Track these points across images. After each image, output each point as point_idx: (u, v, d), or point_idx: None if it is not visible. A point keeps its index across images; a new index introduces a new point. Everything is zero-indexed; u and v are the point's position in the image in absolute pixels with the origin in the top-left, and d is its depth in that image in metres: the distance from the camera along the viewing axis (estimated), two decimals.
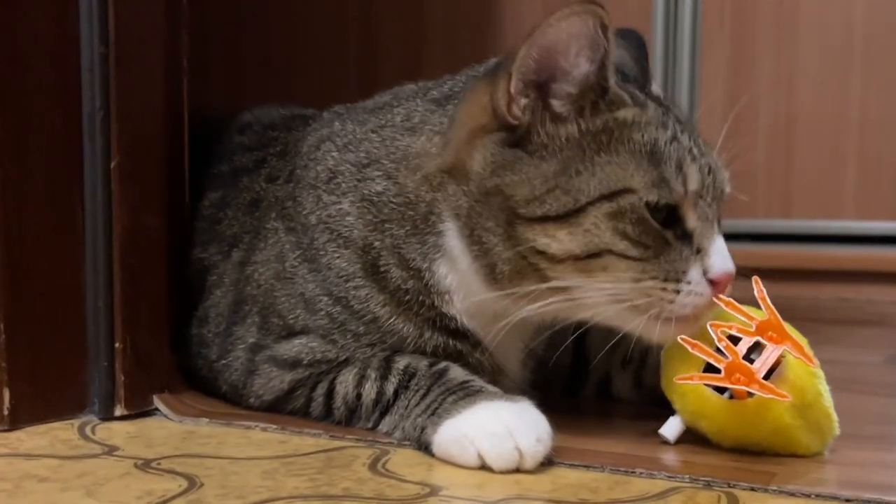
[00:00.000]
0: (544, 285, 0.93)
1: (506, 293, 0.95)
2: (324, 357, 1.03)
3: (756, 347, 0.93)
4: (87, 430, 1.02)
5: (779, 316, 0.93)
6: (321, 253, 1.04)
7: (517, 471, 0.88)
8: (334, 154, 1.06)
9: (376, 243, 1.01)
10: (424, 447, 0.94)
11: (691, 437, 0.97)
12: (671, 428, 0.98)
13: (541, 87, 0.93)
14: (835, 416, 0.94)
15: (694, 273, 0.93)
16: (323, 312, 1.03)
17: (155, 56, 1.07)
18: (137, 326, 1.07)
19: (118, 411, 1.06)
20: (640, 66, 1.07)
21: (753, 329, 0.93)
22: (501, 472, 0.88)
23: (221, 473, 0.88)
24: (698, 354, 0.93)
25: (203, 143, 1.25)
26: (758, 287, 0.94)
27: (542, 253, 0.92)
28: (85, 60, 1.03)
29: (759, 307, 0.94)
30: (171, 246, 1.11)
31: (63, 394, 1.05)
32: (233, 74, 2.61)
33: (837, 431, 0.95)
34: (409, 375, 0.98)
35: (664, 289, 0.92)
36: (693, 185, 0.93)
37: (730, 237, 0.99)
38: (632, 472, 0.89)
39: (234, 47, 2.62)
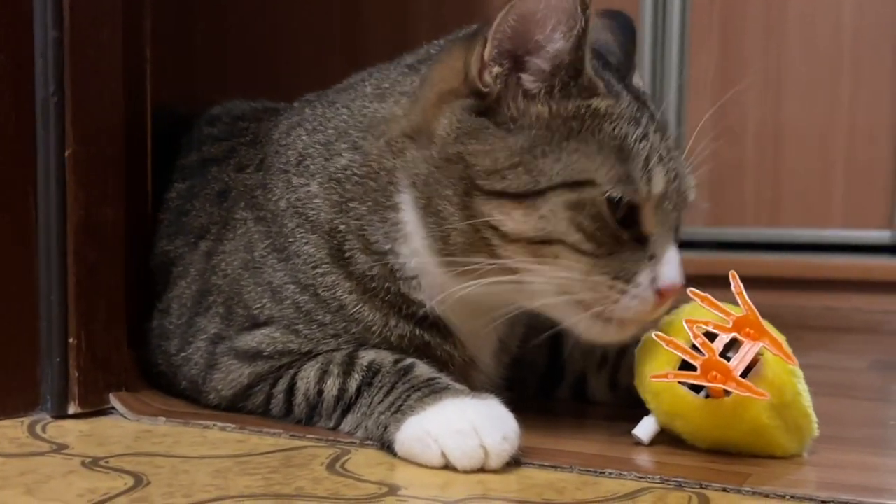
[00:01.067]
0: (493, 262, 0.90)
1: (457, 268, 0.92)
2: (285, 348, 1.00)
3: (733, 347, 0.90)
4: (38, 428, 0.99)
5: (757, 312, 0.90)
6: (290, 240, 1.01)
7: (482, 470, 0.85)
8: (304, 137, 1.04)
9: (341, 226, 0.98)
10: (387, 446, 0.90)
11: (666, 438, 0.94)
12: (645, 428, 0.94)
13: (515, 59, 0.90)
14: (814, 417, 0.91)
15: (643, 277, 0.90)
16: (289, 301, 1.00)
17: (113, 42, 1.04)
18: (93, 322, 1.03)
19: (72, 409, 1.03)
20: (625, 53, 1.04)
21: (730, 325, 0.90)
22: (465, 472, 0.85)
23: (171, 472, 0.84)
24: (673, 351, 0.90)
25: (171, 135, 1.22)
26: (735, 282, 0.91)
27: (495, 229, 0.89)
28: (38, 44, 1.00)
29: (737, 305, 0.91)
30: (130, 238, 1.08)
31: (13, 391, 1.01)
32: (217, 67, 2.58)
33: (816, 432, 0.92)
34: (372, 372, 0.95)
35: (611, 286, 0.89)
36: (658, 187, 0.90)
37: (718, 245, 0.98)
38: (601, 473, 0.86)
39: (218, 40, 2.59)
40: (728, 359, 0.88)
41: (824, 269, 2.11)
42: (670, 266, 0.91)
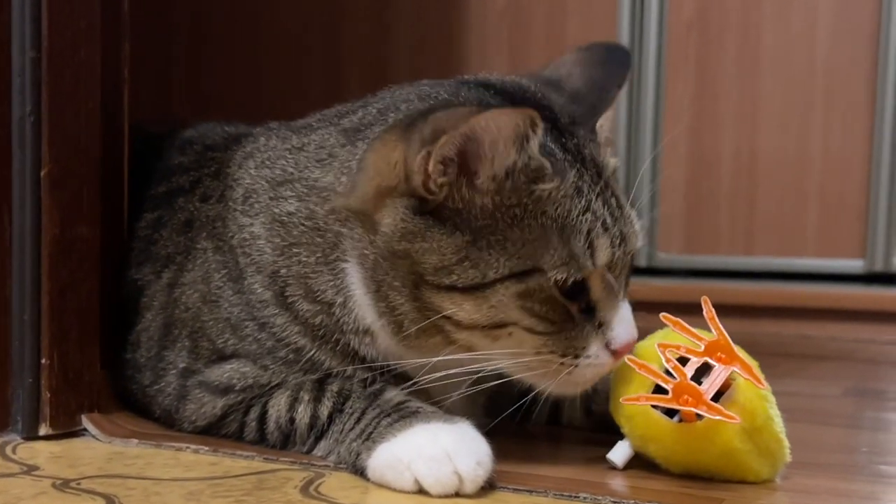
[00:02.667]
0: (449, 348, 0.91)
1: (413, 347, 0.93)
2: (256, 382, 0.99)
3: (706, 371, 0.90)
4: (8, 449, 0.98)
5: (728, 337, 0.90)
6: (244, 275, 1.00)
7: (457, 495, 0.84)
8: (252, 172, 1.03)
9: (282, 270, 0.97)
10: (360, 472, 0.90)
11: (640, 463, 0.94)
12: (619, 453, 0.94)
13: (462, 167, 0.88)
14: (786, 442, 0.91)
15: (594, 348, 0.91)
16: (251, 338, 0.99)
17: (91, 63, 1.04)
18: (66, 342, 1.02)
19: (43, 430, 1.02)
20: (599, 90, 1.02)
21: (702, 350, 0.90)
22: (440, 497, 0.84)
23: (143, 494, 0.84)
24: (646, 375, 0.90)
25: (144, 160, 1.21)
26: (707, 307, 0.92)
27: (447, 318, 0.89)
28: (15, 64, 0.99)
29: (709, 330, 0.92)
30: (105, 259, 1.07)
31: None
32: (194, 84, 2.59)
33: (789, 458, 0.92)
34: (343, 398, 0.95)
35: (562, 363, 0.91)
36: (602, 259, 0.90)
37: (692, 273, 0.99)
38: (575, 497, 0.86)
39: (196, 57, 2.60)
40: (700, 383, 0.88)
41: (799, 297, 2.13)
42: (622, 327, 0.92)
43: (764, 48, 2.20)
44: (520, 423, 1.14)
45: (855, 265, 2.13)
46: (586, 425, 1.13)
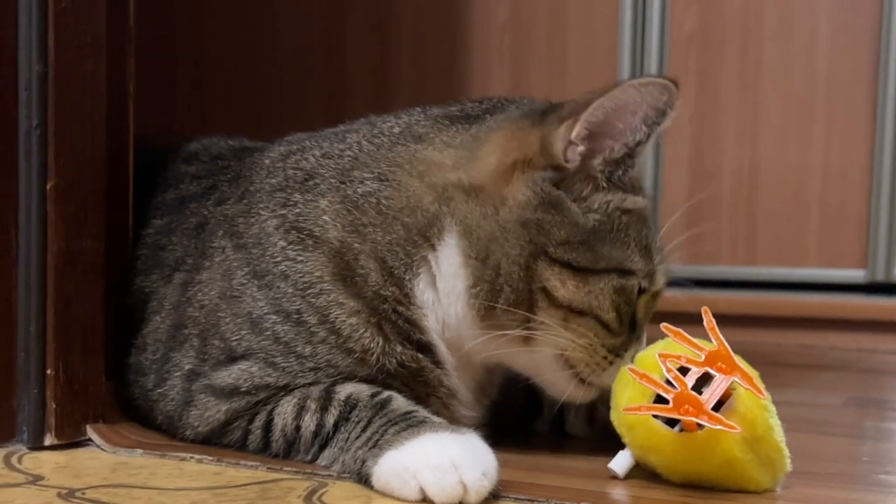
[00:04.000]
0: (529, 317, 0.97)
1: (487, 319, 0.98)
2: (262, 382, 0.99)
3: (707, 381, 0.90)
4: (14, 459, 0.98)
5: (728, 347, 0.91)
6: (276, 260, 1.00)
7: None
8: (311, 160, 1.05)
9: (355, 245, 0.99)
10: (364, 480, 0.90)
11: (642, 473, 0.95)
12: (620, 462, 0.95)
13: (595, 142, 0.97)
14: (786, 451, 0.92)
15: (629, 354, 1.00)
16: (269, 332, 0.99)
17: (97, 77, 1.05)
18: (71, 353, 1.03)
19: (48, 441, 1.02)
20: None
21: (702, 359, 0.91)
22: None
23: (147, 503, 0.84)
24: (647, 385, 0.91)
25: (147, 170, 1.22)
26: (707, 318, 0.92)
27: (547, 292, 0.96)
28: (22, 78, 1.01)
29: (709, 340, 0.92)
30: (109, 271, 1.08)
31: None
32: (197, 102, 2.60)
33: (789, 467, 0.92)
34: (350, 406, 0.95)
35: (605, 357, 0.99)
36: (657, 286, 1.02)
37: (694, 283, 1.05)
38: None
39: (199, 76, 2.62)
40: (701, 393, 0.89)
41: (800, 307, 2.13)
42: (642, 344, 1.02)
43: (765, 60, 2.21)
44: (522, 431, 1.15)
45: (856, 275, 2.14)
46: (588, 434, 1.14)
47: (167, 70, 2.60)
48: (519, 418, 1.16)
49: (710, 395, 0.88)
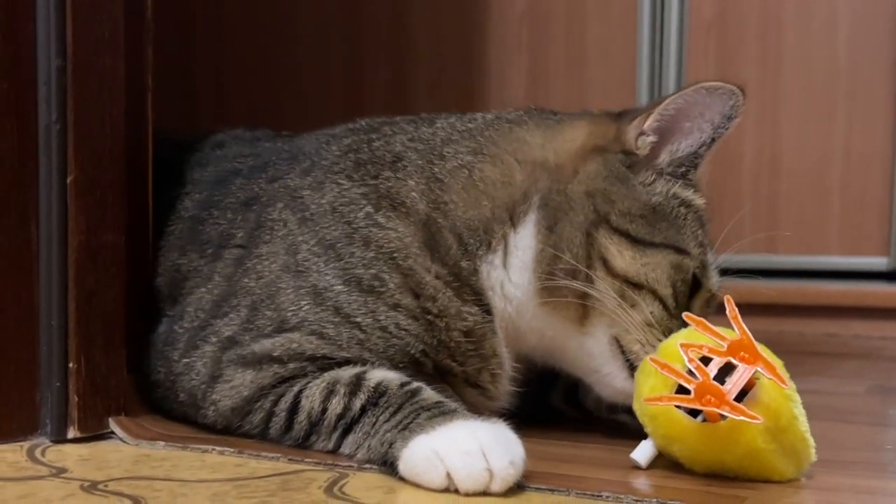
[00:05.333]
0: (584, 287, 1.01)
1: (544, 294, 1.02)
2: (299, 350, 1.00)
3: (730, 370, 0.90)
4: (37, 452, 0.99)
5: (751, 335, 0.90)
6: (358, 225, 1.03)
7: (482, 494, 0.85)
8: (397, 144, 1.10)
9: (439, 219, 1.04)
10: (390, 463, 0.90)
11: (663, 462, 0.94)
12: (643, 452, 0.95)
13: (663, 136, 1.05)
14: (811, 441, 0.91)
15: None
16: (330, 303, 1.01)
17: (115, 70, 1.05)
18: (92, 347, 1.04)
19: (71, 433, 1.03)
20: None
21: (725, 349, 0.90)
22: (467, 494, 0.85)
23: (169, 495, 0.85)
24: (669, 375, 0.90)
25: (173, 162, 1.25)
26: (730, 306, 0.92)
27: (604, 260, 1.01)
28: (41, 73, 1.01)
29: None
30: (130, 264, 1.08)
31: (13, 415, 1.02)
32: (217, 98, 2.61)
33: (814, 457, 0.92)
34: (379, 393, 0.96)
35: (659, 340, 1.00)
36: (715, 286, 1.07)
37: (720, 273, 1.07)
38: (598, 496, 0.86)
39: (220, 73, 2.63)
40: (724, 383, 0.88)
41: (823, 295, 2.12)
42: None
43: (785, 47, 2.20)
44: (538, 404, 1.16)
45: (879, 262, 2.12)
46: (603, 411, 1.16)
47: (187, 64, 2.61)
48: (535, 392, 1.16)
49: (733, 385, 0.88)
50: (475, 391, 1.06)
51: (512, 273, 1.04)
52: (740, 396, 0.88)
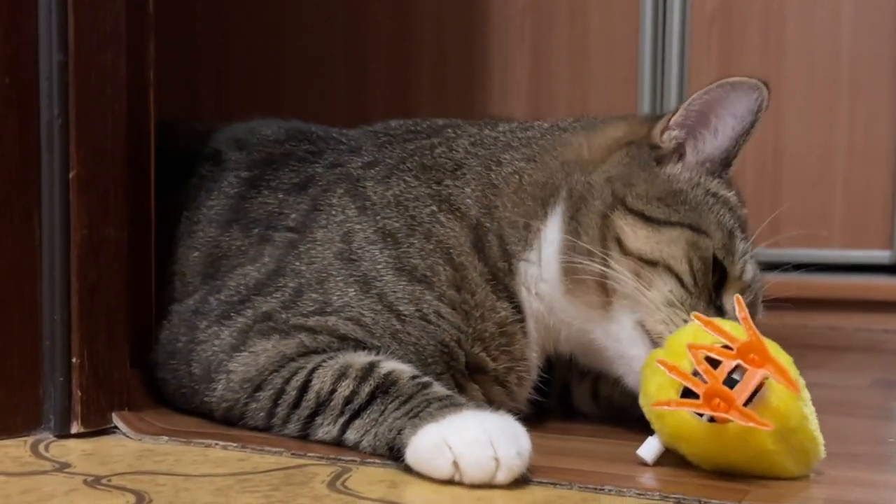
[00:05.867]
0: (603, 269, 1.02)
1: (573, 258, 1.04)
2: (332, 326, 1.02)
3: (737, 369, 0.88)
4: (41, 447, 0.99)
5: (761, 336, 0.89)
6: (422, 219, 1.08)
7: (485, 486, 0.85)
8: (459, 150, 1.15)
9: (486, 224, 1.09)
10: (396, 450, 0.91)
11: (667, 457, 0.94)
12: (649, 449, 0.94)
13: (691, 132, 1.08)
14: (820, 439, 0.90)
15: None
16: (376, 291, 1.04)
17: (117, 65, 1.05)
18: (95, 342, 1.04)
19: (75, 428, 1.03)
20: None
21: (734, 351, 0.89)
22: (472, 484, 0.85)
23: (172, 490, 0.85)
24: (676, 378, 0.89)
25: (193, 149, 1.29)
26: (740, 307, 0.91)
27: (619, 240, 1.03)
28: (43, 68, 1.01)
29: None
30: (132, 259, 1.08)
31: (16, 410, 1.02)
32: (220, 91, 2.61)
33: (823, 454, 0.91)
34: (390, 382, 0.96)
35: (685, 321, 0.99)
36: (747, 276, 1.05)
37: None
38: (600, 490, 0.86)
39: (222, 67, 2.62)
40: (734, 382, 0.87)
41: (825, 288, 2.11)
42: None
43: (787, 39, 2.19)
44: (535, 408, 1.16)
45: (882, 256, 2.12)
46: (593, 409, 1.18)
47: (190, 59, 2.61)
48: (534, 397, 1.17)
49: (742, 390, 0.86)
50: (502, 390, 1.07)
51: (543, 268, 1.07)
52: (749, 397, 0.86)
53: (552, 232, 1.07)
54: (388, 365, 0.98)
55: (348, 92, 2.49)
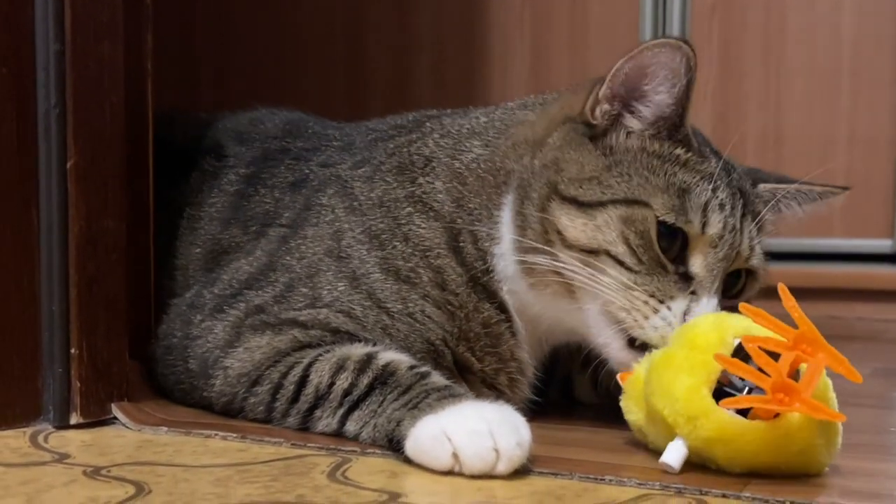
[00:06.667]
0: (554, 264, 0.99)
1: (524, 264, 1.02)
2: (324, 320, 1.02)
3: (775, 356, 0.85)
4: (40, 438, 0.99)
5: (812, 326, 0.86)
6: (400, 223, 1.07)
7: (485, 477, 0.85)
8: (430, 144, 1.13)
9: (459, 221, 1.07)
10: (395, 442, 0.91)
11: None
12: (674, 455, 0.87)
13: (624, 103, 1.03)
14: (840, 428, 0.88)
15: (677, 305, 0.97)
16: (365, 288, 1.04)
17: (114, 55, 1.04)
18: (94, 333, 1.04)
19: (74, 419, 1.03)
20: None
21: (790, 343, 0.86)
22: (472, 475, 0.85)
23: (172, 481, 0.85)
24: (741, 374, 0.85)
25: (197, 139, 1.30)
26: (785, 296, 0.88)
27: (559, 233, 0.99)
28: (40, 58, 1.01)
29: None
30: (131, 250, 1.08)
31: (16, 401, 1.01)
32: (219, 82, 2.61)
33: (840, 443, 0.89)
34: (388, 373, 0.96)
35: (646, 302, 0.97)
36: (712, 229, 0.99)
37: None
38: (601, 480, 0.86)
39: (222, 58, 2.62)
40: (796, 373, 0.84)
41: (826, 278, 2.11)
42: (702, 309, 0.97)
43: (788, 29, 2.18)
44: (536, 398, 1.16)
45: (883, 245, 2.12)
46: (594, 399, 1.18)
47: (188, 49, 2.60)
48: (535, 386, 1.16)
49: (808, 382, 0.83)
50: (492, 393, 1.05)
51: (508, 263, 1.05)
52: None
53: (505, 225, 1.05)
54: (387, 355, 0.98)
55: (347, 84, 2.48)
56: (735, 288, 1.04)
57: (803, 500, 0.80)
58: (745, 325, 0.90)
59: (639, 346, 0.98)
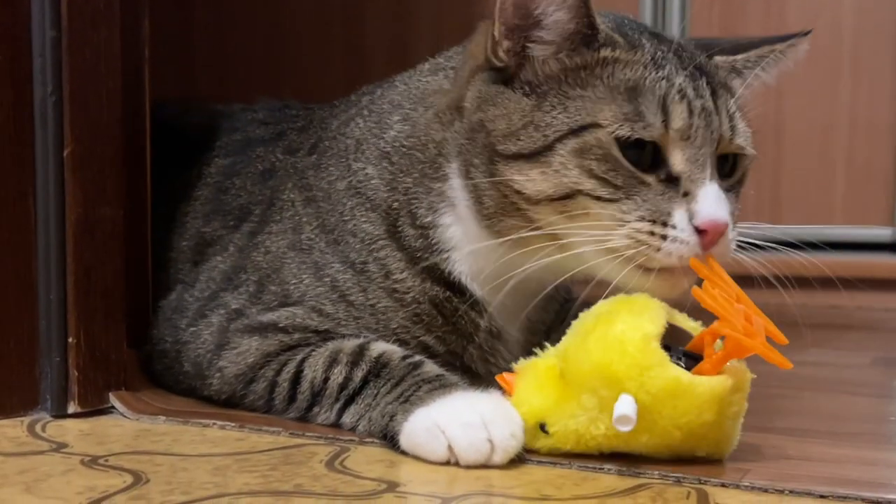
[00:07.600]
0: (530, 230, 0.92)
1: (502, 239, 0.95)
2: (303, 324, 1.01)
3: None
4: (38, 427, 0.99)
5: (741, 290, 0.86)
6: (346, 218, 1.04)
7: (483, 467, 0.85)
8: (360, 124, 1.08)
9: (395, 204, 1.02)
10: (391, 436, 0.90)
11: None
12: (627, 406, 0.82)
13: (523, 33, 0.94)
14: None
15: (679, 218, 0.88)
16: (328, 279, 1.03)
17: (111, 42, 1.03)
18: (92, 321, 1.03)
19: (71, 408, 1.03)
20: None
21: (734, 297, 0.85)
22: (468, 466, 0.85)
23: (170, 470, 0.84)
24: (714, 305, 0.83)
25: (212, 130, 1.28)
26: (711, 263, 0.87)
27: (519, 193, 0.92)
28: (36, 44, 1.00)
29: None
30: (128, 238, 1.07)
31: (13, 390, 1.01)
32: (216, 67, 2.59)
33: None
34: (381, 364, 0.96)
35: (651, 233, 0.88)
36: (677, 123, 0.89)
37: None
38: (600, 469, 0.86)
39: (219, 42, 2.60)
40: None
41: (826, 266, 2.10)
42: (707, 201, 0.89)
43: (788, 16, 2.17)
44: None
45: (883, 233, 2.11)
46: None
47: (186, 35, 2.59)
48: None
49: (760, 328, 0.82)
50: (465, 376, 0.98)
51: (467, 228, 0.99)
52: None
53: (459, 192, 0.98)
54: (379, 347, 0.98)
55: (346, 65, 2.46)
56: (723, 171, 0.95)
57: (802, 489, 0.80)
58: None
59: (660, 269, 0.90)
